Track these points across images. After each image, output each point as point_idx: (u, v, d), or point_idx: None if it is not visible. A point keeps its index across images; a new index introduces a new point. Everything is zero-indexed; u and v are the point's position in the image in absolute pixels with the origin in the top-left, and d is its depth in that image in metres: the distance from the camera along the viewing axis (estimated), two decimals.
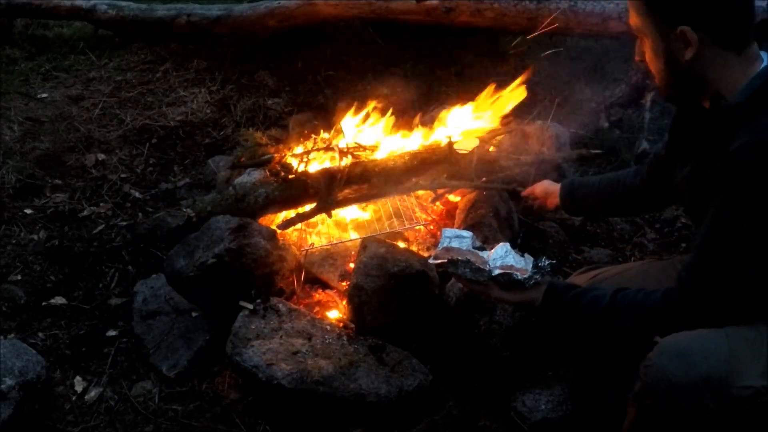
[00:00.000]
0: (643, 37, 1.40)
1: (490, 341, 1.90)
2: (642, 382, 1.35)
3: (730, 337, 1.30)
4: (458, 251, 1.68)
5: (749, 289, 1.31)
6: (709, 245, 1.34)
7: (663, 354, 1.32)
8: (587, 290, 1.52)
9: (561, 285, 1.55)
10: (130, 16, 4.55)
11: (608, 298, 1.45)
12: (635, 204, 1.90)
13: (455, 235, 1.76)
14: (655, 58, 1.39)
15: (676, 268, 1.66)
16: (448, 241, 1.73)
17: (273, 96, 3.90)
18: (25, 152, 3.26)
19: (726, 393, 1.26)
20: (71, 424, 1.91)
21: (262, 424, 1.88)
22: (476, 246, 1.73)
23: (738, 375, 1.27)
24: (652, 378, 1.32)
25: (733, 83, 1.31)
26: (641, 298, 1.42)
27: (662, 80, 1.42)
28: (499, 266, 1.61)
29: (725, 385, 1.26)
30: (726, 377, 1.26)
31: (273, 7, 4.22)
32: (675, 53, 1.33)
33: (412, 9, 3.90)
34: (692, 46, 1.30)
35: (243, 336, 1.92)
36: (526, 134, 2.76)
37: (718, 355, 1.28)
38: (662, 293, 1.40)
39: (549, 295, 1.52)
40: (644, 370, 1.34)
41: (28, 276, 2.49)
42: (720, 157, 1.29)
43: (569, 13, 3.77)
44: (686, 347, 1.30)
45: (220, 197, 2.38)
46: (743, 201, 1.26)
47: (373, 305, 1.96)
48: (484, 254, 1.69)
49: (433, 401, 1.87)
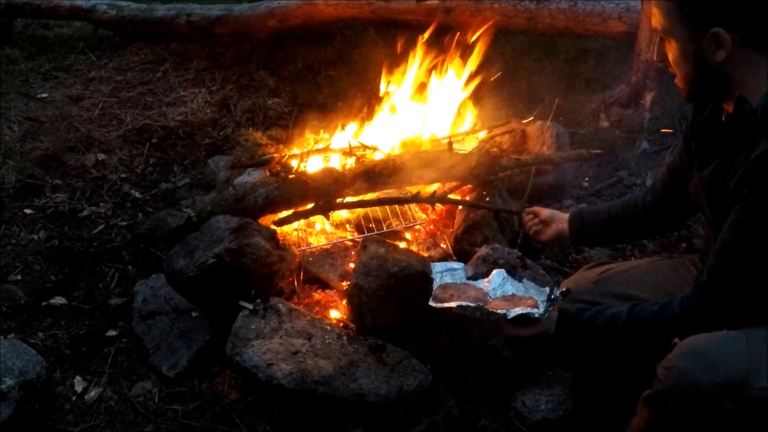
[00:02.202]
0: (668, 39, 1.39)
1: (489, 341, 1.90)
2: (662, 383, 1.34)
3: (749, 339, 1.30)
4: (455, 287, 1.61)
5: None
6: (730, 250, 1.34)
7: (684, 356, 1.31)
8: (601, 311, 1.49)
9: (573, 310, 1.52)
10: (130, 16, 4.55)
11: (624, 315, 1.44)
12: (650, 224, 1.80)
13: (446, 269, 1.70)
14: (682, 60, 1.38)
15: (686, 267, 1.66)
16: (439, 277, 1.66)
17: (273, 96, 3.90)
18: (25, 152, 3.27)
19: (745, 394, 1.26)
20: (71, 424, 1.91)
21: (262, 424, 1.88)
22: (469, 276, 1.68)
23: (757, 376, 1.27)
24: (673, 380, 1.31)
25: (758, 86, 1.31)
26: (658, 310, 1.41)
27: (687, 82, 1.41)
28: (500, 296, 1.57)
29: (745, 386, 1.26)
30: (746, 378, 1.26)
31: (273, 7, 4.22)
32: (705, 55, 1.33)
33: (412, 9, 3.91)
34: (725, 48, 1.30)
35: (243, 336, 1.92)
36: (526, 134, 2.76)
37: (739, 356, 1.28)
38: (679, 302, 1.40)
39: (562, 322, 1.50)
40: (665, 372, 1.33)
41: (28, 276, 2.49)
42: (742, 162, 1.29)
43: (569, 13, 3.78)
44: (707, 349, 1.30)
45: (220, 197, 2.38)
46: (765, 208, 1.27)
47: (373, 305, 1.96)
48: (479, 283, 1.64)
49: (433, 401, 1.87)
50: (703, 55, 1.33)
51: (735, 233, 1.33)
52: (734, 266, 1.34)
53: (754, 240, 1.30)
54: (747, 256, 1.31)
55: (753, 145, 1.28)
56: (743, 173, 1.29)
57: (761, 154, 1.25)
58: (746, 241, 1.31)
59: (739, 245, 1.32)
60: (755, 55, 1.31)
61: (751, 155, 1.27)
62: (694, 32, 1.33)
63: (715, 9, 1.30)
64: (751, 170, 1.27)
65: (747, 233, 1.31)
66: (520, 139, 2.76)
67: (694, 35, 1.33)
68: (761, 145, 1.26)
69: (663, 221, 1.79)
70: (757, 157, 1.26)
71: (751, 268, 1.31)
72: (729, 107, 1.39)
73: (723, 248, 1.35)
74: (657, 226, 1.87)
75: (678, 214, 1.76)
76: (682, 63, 1.39)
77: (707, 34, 1.30)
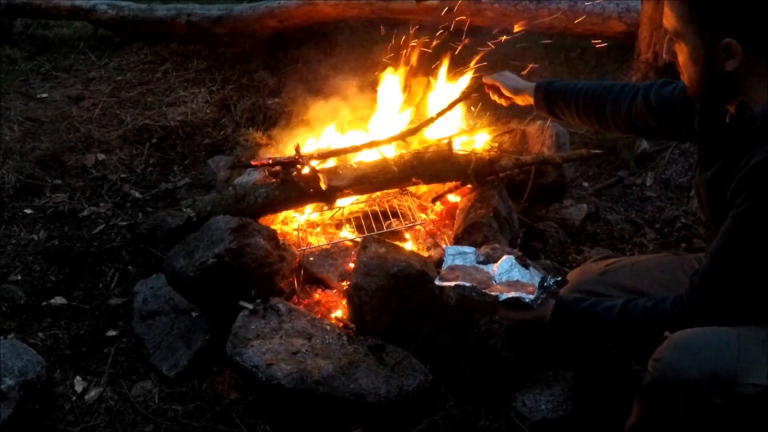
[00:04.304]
0: (678, 41, 1.39)
1: (489, 341, 1.90)
2: (651, 375, 1.35)
3: (740, 335, 1.31)
4: (463, 269, 1.65)
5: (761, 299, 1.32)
6: (724, 255, 1.35)
7: (673, 348, 1.32)
8: (596, 303, 1.50)
9: (569, 300, 1.54)
10: (130, 16, 4.55)
11: (618, 309, 1.45)
12: (624, 121, 1.79)
13: (458, 252, 1.73)
14: (691, 63, 1.38)
15: (692, 264, 1.67)
16: (451, 260, 1.70)
17: (273, 96, 3.90)
18: (25, 152, 3.27)
19: (733, 390, 1.26)
20: (71, 424, 1.91)
21: (262, 424, 1.88)
22: (480, 261, 1.71)
23: (746, 372, 1.27)
24: (661, 372, 1.32)
25: (761, 94, 1.32)
26: (651, 307, 1.42)
27: (694, 83, 1.41)
28: (504, 281, 1.60)
29: (733, 381, 1.26)
30: (734, 374, 1.27)
31: (273, 7, 4.23)
32: (715, 62, 1.33)
33: (412, 9, 3.91)
34: (736, 58, 1.31)
35: (243, 336, 1.92)
36: (526, 134, 2.76)
37: (728, 351, 1.28)
38: (671, 301, 1.41)
39: (558, 311, 1.51)
40: (654, 363, 1.34)
41: (28, 276, 2.49)
42: (742, 167, 1.30)
43: (569, 13, 3.78)
44: (697, 343, 1.31)
45: (220, 197, 2.38)
46: (762, 214, 1.28)
47: (373, 305, 1.96)
48: (488, 268, 1.67)
49: (433, 401, 1.87)
50: (713, 62, 1.34)
51: (730, 238, 1.34)
52: (727, 271, 1.34)
53: (749, 246, 1.31)
54: (740, 261, 1.32)
55: (753, 151, 1.29)
56: (741, 178, 1.30)
57: (760, 161, 1.26)
58: (740, 247, 1.32)
59: (733, 250, 1.33)
60: (764, 65, 1.32)
61: (750, 161, 1.28)
62: (706, 39, 1.33)
63: (730, 20, 1.30)
64: (749, 176, 1.28)
65: (742, 239, 1.32)
66: (520, 139, 2.76)
67: (705, 42, 1.33)
68: (761, 152, 1.26)
69: (638, 126, 1.79)
70: (756, 163, 1.26)
71: (744, 274, 1.32)
72: (733, 109, 1.40)
73: (717, 252, 1.36)
74: (629, 126, 1.83)
75: (664, 126, 1.73)
76: (691, 66, 1.39)
77: (719, 43, 1.30)
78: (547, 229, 2.58)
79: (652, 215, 2.90)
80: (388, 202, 2.51)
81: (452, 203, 2.54)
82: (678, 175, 3.12)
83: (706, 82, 1.39)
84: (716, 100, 1.44)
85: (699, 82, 1.40)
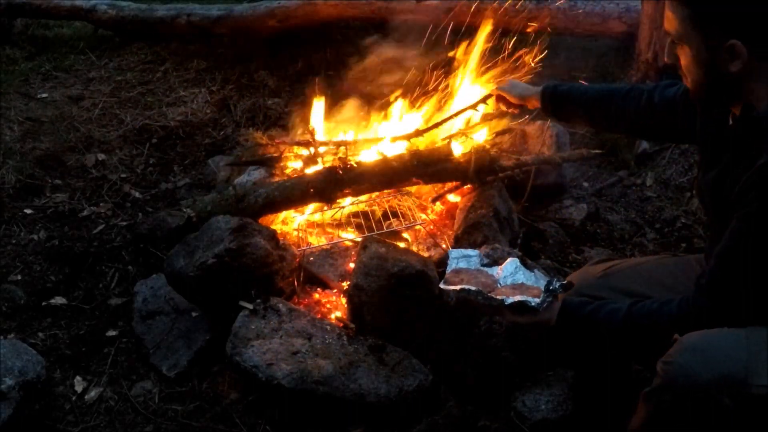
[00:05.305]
0: (681, 44, 1.39)
1: (489, 341, 1.90)
2: (661, 378, 1.34)
3: (749, 337, 1.31)
4: (467, 272, 1.64)
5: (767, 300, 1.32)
6: (731, 257, 1.35)
7: (684, 351, 1.31)
8: (601, 305, 1.50)
9: (575, 303, 1.53)
10: (130, 16, 4.55)
11: (624, 311, 1.44)
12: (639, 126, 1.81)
13: (462, 255, 1.73)
14: (694, 65, 1.38)
15: (692, 266, 1.66)
16: (455, 263, 1.70)
17: (273, 96, 3.90)
18: (25, 152, 3.27)
19: (743, 391, 1.26)
20: (71, 424, 1.91)
21: (262, 424, 1.88)
22: (484, 263, 1.71)
23: (756, 374, 1.27)
24: (672, 374, 1.31)
25: (765, 94, 1.32)
26: (657, 309, 1.42)
27: (697, 86, 1.41)
28: (509, 284, 1.59)
29: (744, 383, 1.26)
30: (745, 376, 1.26)
31: (273, 7, 4.22)
32: (719, 64, 1.33)
33: (412, 9, 3.90)
34: (740, 60, 1.30)
35: (243, 336, 1.92)
36: (526, 134, 2.76)
37: (738, 353, 1.28)
38: (678, 303, 1.41)
39: (564, 314, 1.51)
40: (664, 366, 1.34)
41: (28, 276, 2.49)
42: (747, 168, 1.30)
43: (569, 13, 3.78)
44: (707, 345, 1.31)
45: (220, 197, 2.38)
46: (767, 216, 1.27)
47: (373, 305, 1.96)
48: (493, 271, 1.67)
49: (433, 401, 1.87)
50: (717, 64, 1.33)
51: (736, 239, 1.33)
52: (734, 273, 1.34)
53: (755, 247, 1.30)
54: (747, 263, 1.32)
55: (758, 152, 1.28)
56: (748, 180, 1.30)
57: (764, 164, 1.25)
58: (747, 249, 1.32)
59: (740, 253, 1.33)
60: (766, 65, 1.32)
61: (757, 162, 1.28)
62: (709, 42, 1.33)
63: (733, 22, 1.29)
64: (755, 177, 1.28)
65: (748, 241, 1.31)
66: (520, 139, 2.76)
67: (709, 44, 1.33)
68: (765, 154, 1.26)
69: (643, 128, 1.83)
70: (762, 164, 1.26)
71: (750, 276, 1.32)
72: (737, 110, 1.40)
73: (724, 254, 1.36)
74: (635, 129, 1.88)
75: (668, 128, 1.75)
76: (694, 68, 1.38)
77: (723, 45, 1.30)
78: (547, 229, 2.58)
79: (652, 215, 2.90)
80: (388, 202, 2.51)
81: (452, 203, 2.54)
82: (678, 175, 3.12)
83: (710, 85, 1.38)
84: (719, 102, 1.44)
85: (703, 85, 1.39)
